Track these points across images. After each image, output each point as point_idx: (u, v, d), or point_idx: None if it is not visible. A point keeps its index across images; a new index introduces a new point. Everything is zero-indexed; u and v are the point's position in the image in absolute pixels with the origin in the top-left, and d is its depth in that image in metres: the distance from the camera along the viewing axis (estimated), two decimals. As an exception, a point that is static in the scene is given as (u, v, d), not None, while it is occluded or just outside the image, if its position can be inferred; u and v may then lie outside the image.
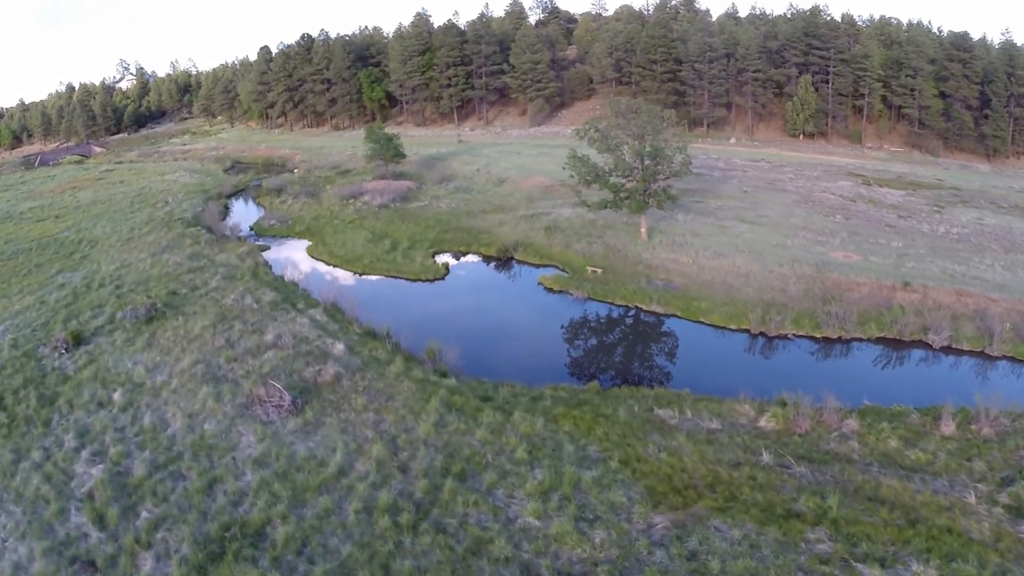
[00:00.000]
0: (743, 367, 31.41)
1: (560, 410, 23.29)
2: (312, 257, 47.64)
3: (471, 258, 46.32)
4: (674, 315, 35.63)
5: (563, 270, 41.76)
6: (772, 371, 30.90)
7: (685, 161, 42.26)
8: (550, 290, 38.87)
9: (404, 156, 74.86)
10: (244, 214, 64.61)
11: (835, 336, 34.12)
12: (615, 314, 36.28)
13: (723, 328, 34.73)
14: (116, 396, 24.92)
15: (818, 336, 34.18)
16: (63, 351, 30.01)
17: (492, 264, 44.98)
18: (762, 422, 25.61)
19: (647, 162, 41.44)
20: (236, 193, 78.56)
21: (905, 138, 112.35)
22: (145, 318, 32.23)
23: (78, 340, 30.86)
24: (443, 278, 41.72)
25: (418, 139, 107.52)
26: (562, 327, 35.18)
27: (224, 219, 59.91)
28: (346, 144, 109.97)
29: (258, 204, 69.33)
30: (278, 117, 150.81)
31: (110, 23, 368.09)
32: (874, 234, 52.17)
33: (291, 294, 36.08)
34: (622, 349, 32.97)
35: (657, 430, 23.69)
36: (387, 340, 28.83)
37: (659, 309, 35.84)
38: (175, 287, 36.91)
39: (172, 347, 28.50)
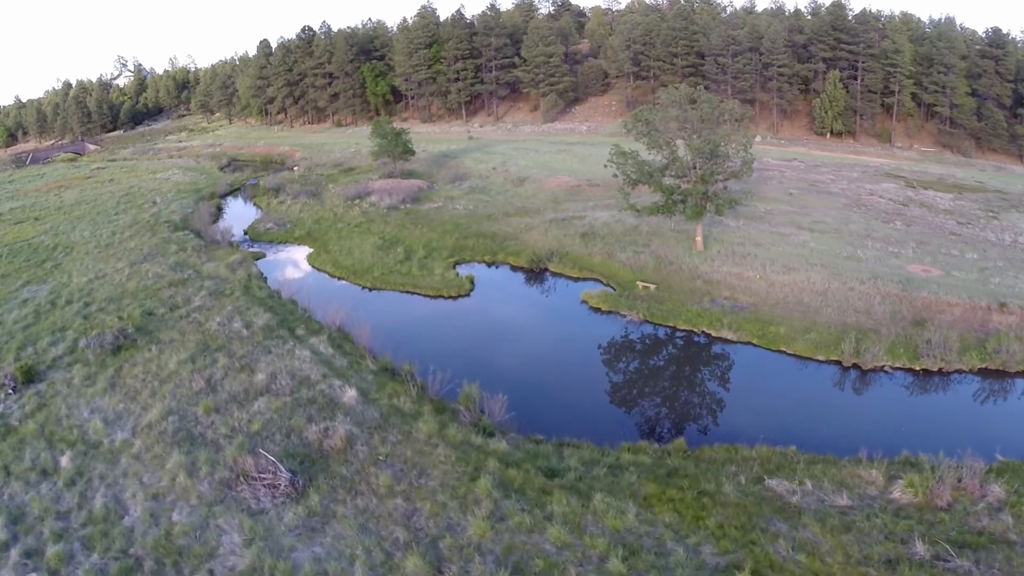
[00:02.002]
0: (845, 410, 25.89)
1: (651, 488, 17.42)
2: (314, 267, 41.62)
3: (498, 269, 40.30)
4: (749, 343, 29.79)
5: (608, 285, 35.72)
6: (878, 414, 25.30)
7: (748, 160, 36.34)
8: (597, 310, 32.81)
9: (413, 153, 68.99)
10: (238, 216, 58.55)
11: (935, 368, 28.69)
12: (679, 342, 30.34)
13: (808, 359, 29.01)
14: (64, 462, 19.07)
15: (917, 368, 28.68)
16: (10, 391, 24.31)
17: (524, 277, 38.87)
18: (895, 493, 20.21)
19: (702, 160, 35.58)
20: (231, 193, 72.74)
21: (935, 137, 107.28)
22: (112, 347, 26.38)
23: (30, 376, 25.12)
24: (468, 294, 35.62)
25: (425, 135, 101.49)
26: (619, 359, 29.25)
27: (216, 222, 54.02)
28: (349, 140, 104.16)
29: (254, 205, 63.34)
30: (278, 113, 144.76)
31: (109, 21, 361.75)
32: (943, 243, 46.60)
33: (289, 316, 30.11)
34: (697, 389, 26.94)
35: (778, 513, 17.90)
36: (411, 382, 22.81)
37: (731, 335, 29.97)
38: (152, 306, 31.00)
39: (140, 389, 22.61)
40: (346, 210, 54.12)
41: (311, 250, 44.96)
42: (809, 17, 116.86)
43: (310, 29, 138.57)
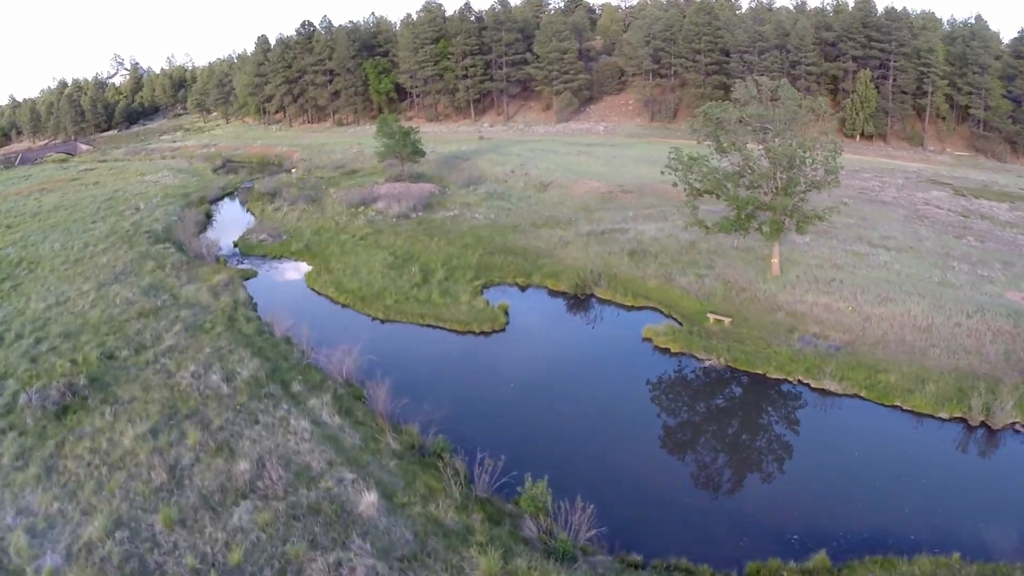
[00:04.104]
0: (993, 488, 20.15)
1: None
2: (313, 290, 35.40)
3: (533, 293, 34.14)
4: (856, 396, 23.90)
5: (671, 317, 29.70)
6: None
7: (833, 169, 30.46)
8: (665, 351, 26.63)
9: (424, 154, 62.97)
10: (229, 225, 52.37)
11: (1066, 425, 23.25)
12: (772, 395, 24.21)
13: (927, 416, 23.29)
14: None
15: (1048, 425, 23.24)
16: (-82, 469, 18.32)
17: (566, 304, 32.66)
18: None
19: (782, 168, 29.67)
20: (223, 197, 66.71)
21: (967, 141, 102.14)
22: (56, 408, 20.48)
23: (-54, 447, 19.17)
24: (503, 329, 29.32)
25: (433, 135, 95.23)
26: (706, 423, 23.15)
27: (202, 232, 47.97)
28: (351, 141, 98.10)
29: (248, 211, 57.23)
30: (276, 112, 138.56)
31: (107, 19, 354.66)
32: (1026, 263, 40.97)
33: (282, 362, 23.99)
34: (815, 469, 20.28)
35: None
36: (450, 473, 16.70)
37: (833, 386, 24.04)
38: (113, 345, 25.00)
39: (83, 480, 16.62)
40: (350, 219, 48.16)
41: (310, 268, 38.88)
42: (832, 14, 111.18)
43: (310, 24, 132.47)
